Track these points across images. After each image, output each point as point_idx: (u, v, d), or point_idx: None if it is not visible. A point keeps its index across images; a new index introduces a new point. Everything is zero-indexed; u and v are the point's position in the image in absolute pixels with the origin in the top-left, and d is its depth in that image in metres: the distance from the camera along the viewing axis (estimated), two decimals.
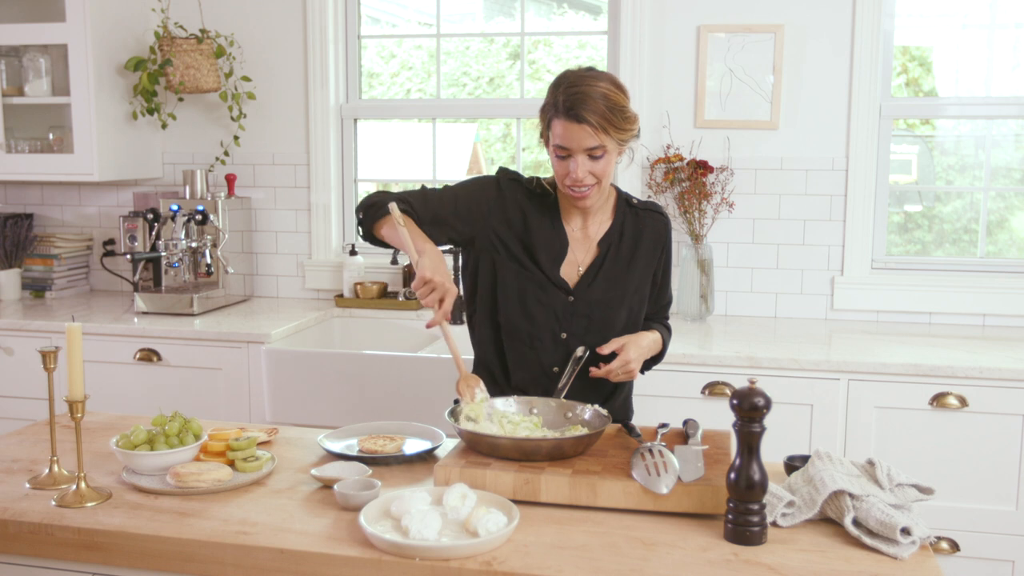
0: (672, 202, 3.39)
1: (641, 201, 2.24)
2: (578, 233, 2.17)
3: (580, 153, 2.00)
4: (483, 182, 2.20)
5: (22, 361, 3.27)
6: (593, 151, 2.00)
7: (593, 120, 1.96)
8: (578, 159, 2.00)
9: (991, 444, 2.72)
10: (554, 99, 2.01)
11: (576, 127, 1.97)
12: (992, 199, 3.41)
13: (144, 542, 1.59)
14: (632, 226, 2.19)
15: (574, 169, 2.01)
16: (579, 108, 1.96)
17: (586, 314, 2.14)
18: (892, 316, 3.35)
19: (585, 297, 2.14)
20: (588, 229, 2.18)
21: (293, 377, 3.02)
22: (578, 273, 2.16)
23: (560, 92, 2.00)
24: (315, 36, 3.64)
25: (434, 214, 2.12)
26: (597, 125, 1.96)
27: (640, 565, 1.47)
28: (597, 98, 1.97)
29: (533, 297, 2.13)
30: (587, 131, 1.97)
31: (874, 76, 3.26)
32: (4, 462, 1.94)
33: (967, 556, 2.77)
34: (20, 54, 3.59)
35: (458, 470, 1.72)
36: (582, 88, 1.98)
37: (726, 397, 2.65)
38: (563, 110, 1.98)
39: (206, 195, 3.56)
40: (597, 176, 2.03)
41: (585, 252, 2.17)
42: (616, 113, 1.98)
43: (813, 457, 1.73)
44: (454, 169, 3.82)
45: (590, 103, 1.96)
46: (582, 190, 2.04)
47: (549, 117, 2.03)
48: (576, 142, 1.99)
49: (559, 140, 2.01)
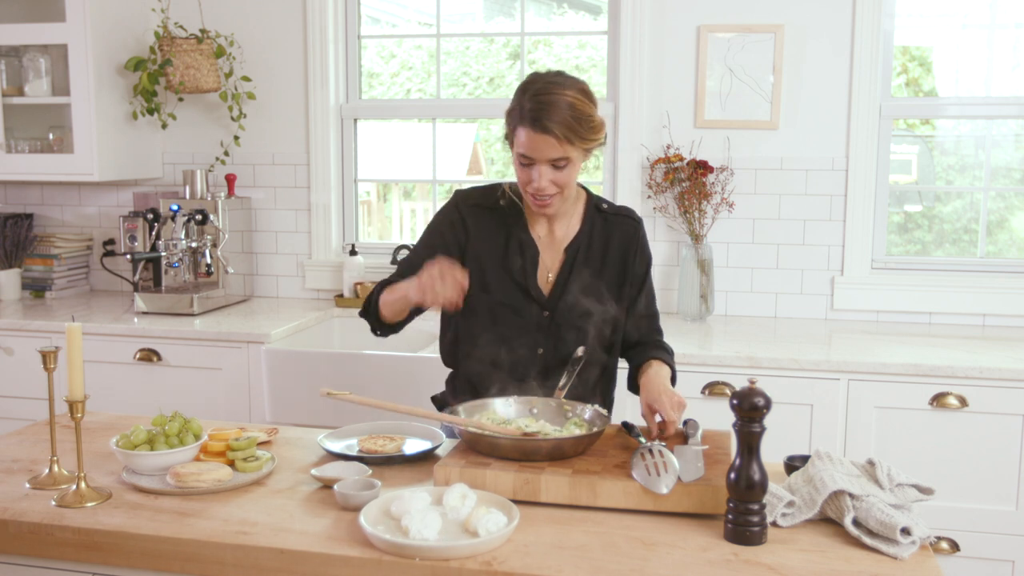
0: (672, 202, 3.39)
1: (612, 205, 2.20)
2: (545, 238, 2.15)
3: (543, 163, 1.97)
4: (443, 220, 2.17)
5: (22, 361, 3.27)
6: (556, 161, 1.97)
7: (558, 131, 1.92)
8: (541, 169, 1.97)
9: (991, 444, 2.72)
10: (520, 105, 1.97)
11: (540, 137, 1.93)
12: (992, 199, 3.41)
13: (144, 542, 1.59)
14: (601, 232, 2.16)
15: (537, 178, 1.98)
16: (544, 118, 1.92)
17: (562, 325, 2.11)
18: (892, 316, 3.35)
19: (559, 308, 2.11)
20: (555, 233, 2.15)
21: (293, 377, 3.02)
22: (548, 281, 2.14)
23: (526, 99, 1.95)
24: (315, 36, 3.64)
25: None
26: (562, 136, 1.92)
27: (640, 565, 1.47)
28: (563, 108, 1.92)
29: (506, 322, 2.11)
30: (551, 142, 1.93)
31: (874, 76, 3.26)
32: (4, 462, 1.94)
33: (967, 556, 2.77)
34: (20, 54, 3.59)
35: (458, 470, 1.72)
36: (549, 97, 1.93)
37: (726, 397, 2.65)
38: (528, 119, 1.93)
39: (206, 195, 3.56)
40: (559, 185, 2.00)
41: (552, 257, 2.15)
42: (582, 123, 1.94)
43: (813, 457, 1.73)
44: (454, 169, 3.82)
45: (556, 113, 1.92)
46: (544, 199, 2.02)
47: (514, 123, 1.99)
48: (540, 152, 1.95)
49: (522, 149, 1.97)
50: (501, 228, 2.14)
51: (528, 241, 2.13)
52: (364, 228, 3.98)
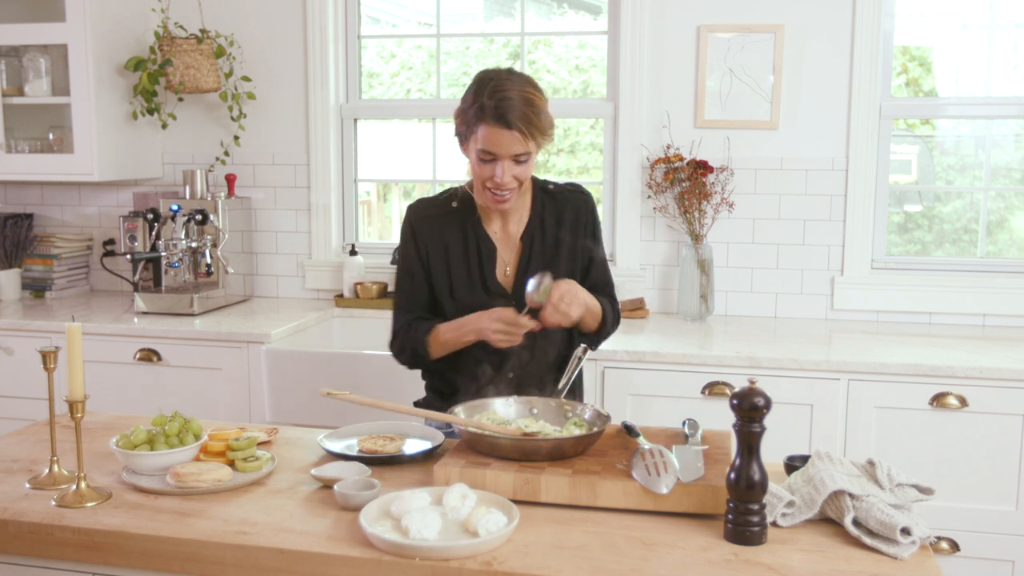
0: (672, 202, 3.39)
1: (559, 184, 2.23)
2: (500, 234, 2.19)
3: (506, 158, 2.01)
4: (405, 243, 2.23)
5: (22, 361, 3.27)
6: (518, 156, 2.01)
7: (522, 126, 1.97)
8: (504, 164, 2.01)
9: (991, 444, 2.72)
10: (479, 103, 2.00)
11: (506, 133, 1.98)
12: (992, 199, 3.41)
13: (144, 542, 1.59)
14: (552, 212, 2.19)
15: (499, 174, 2.02)
16: (509, 114, 1.96)
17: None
18: (892, 316, 3.35)
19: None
20: (508, 228, 2.19)
21: (293, 377, 3.02)
22: (508, 275, 2.17)
23: (486, 96, 1.99)
24: (315, 36, 3.64)
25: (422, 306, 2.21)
26: (526, 131, 1.98)
27: (640, 565, 1.47)
28: (523, 103, 1.98)
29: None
30: (516, 137, 1.98)
31: (874, 76, 3.26)
32: (4, 462, 1.94)
33: (967, 556, 2.77)
34: (20, 54, 3.59)
35: (458, 470, 1.72)
36: (508, 93, 1.98)
37: (726, 397, 2.65)
38: (492, 115, 1.98)
39: (206, 195, 3.56)
40: (520, 180, 2.05)
41: (509, 251, 2.19)
42: (541, 118, 2.01)
43: (813, 457, 1.73)
44: (454, 169, 3.82)
45: (517, 109, 1.97)
46: (504, 194, 2.06)
47: (472, 121, 2.02)
48: (504, 148, 2.00)
49: (485, 145, 2.01)
50: (458, 232, 2.18)
51: (484, 238, 2.17)
52: (364, 228, 3.98)
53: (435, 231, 2.19)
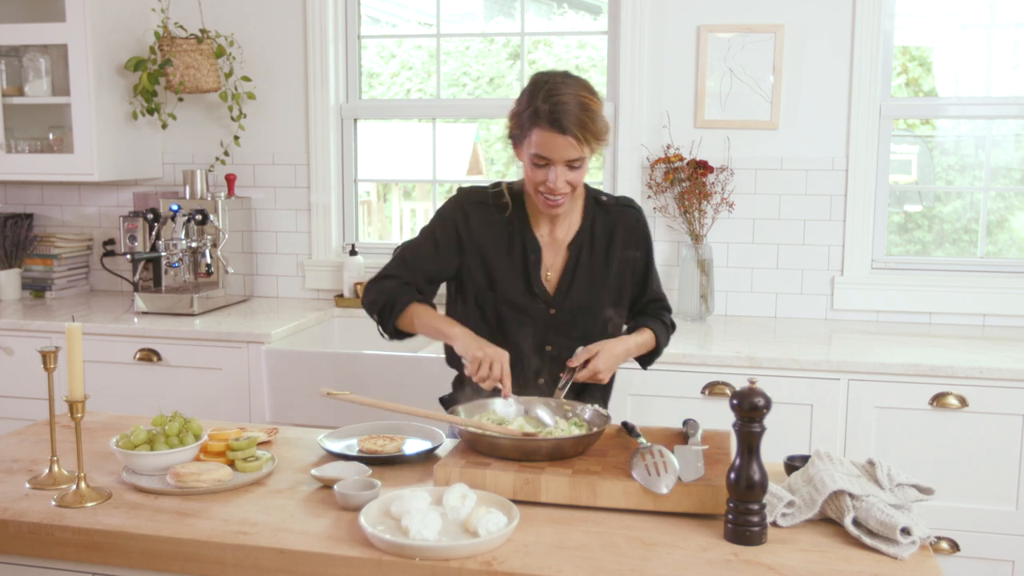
0: (672, 202, 3.39)
1: (611, 197, 2.21)
2: (547, 238, 2.16)
3: (560, 164, 1.98)
4: (447, 218, 2.17)
5: (22, 361, 3.27)
6: (572, 162, 1.98)
7: (577, 132, 1.94)
8: (557, 169, 1.98)
9: (991, 444, 2.71)
10: (533, 107, 1.97)
11: (560, 138, 1.95)
12: (992, 199, 3.41)
13: (144, 542, 1.59)
14: (603, 225, 2.17)
15: (553, 179, 1.99)
16: (564, 119, 1.93)
17: (569, 322, 2.12)
18: (892, 316, 3.35)
19: (566, 306, 2.12)
20: (556, 233, 2.16)
21: (293, 377, 3.02)
22: (551, 279, 2.14)
23: (541, 100, 1.96)
24: (315, 36, 3.64)
25: (430, 277, 2.17)
26: (580, 137, 1.95)
27: (640, 565, 1.47)
28: (579, 108, 1.95)
29: (513, 320, 2.12)
30: (571, 143, 1.95)
31: (874, 76, 3.26)
32: (4, 462, 1.94)
33: (967, 556, 2.77)
34: (20, 54, 3.59)
35: (458, 470, 1.72)
36: (563, 97, 1.95)
37: (726, 397, 2.65)
38: (546, 120, 1.94)
39: (206, 195, 3.56)
40: (573, 185, 2.02)
41: (555, 256, 2.16)
42: (597, 123, 1.97)
43: (813, 457, 1.73)
44: (454, 169, 3.82)
45: (572, 114, 1.94)
46: (556, 199, 2.03)
47: (527, 124, 1.99)
48: (558, 153, 1.96)
49: (539, 150, 1.98)
50: (504, 227, 2.14)
51: (531, 240, 2.14)
52: (364, 228, 3.98)
53: (485, 219, 2.15)
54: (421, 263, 2.17)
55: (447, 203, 2.20)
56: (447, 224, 2.17)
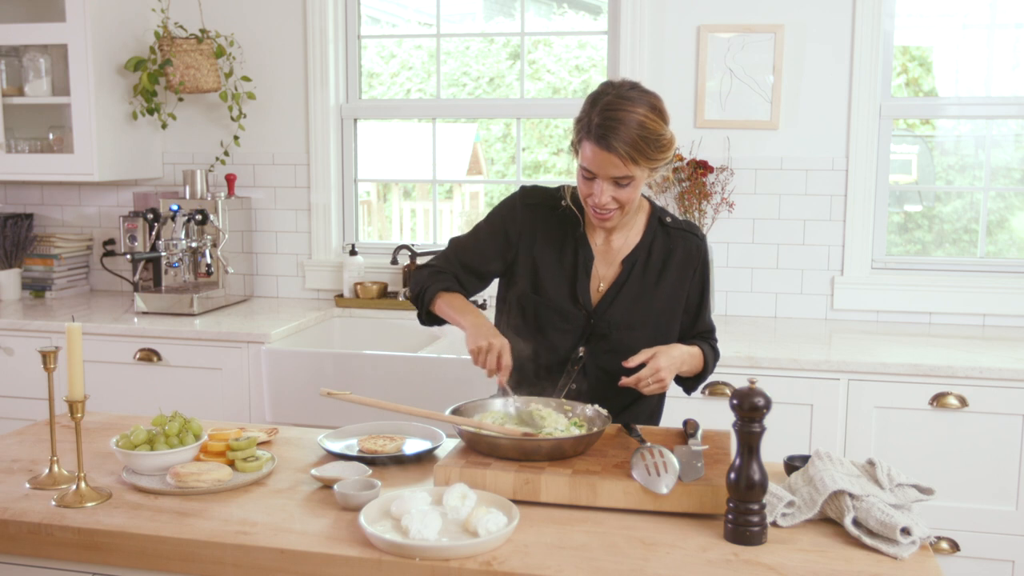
0: (672, 202, 3.39)
1: (675, 219, 2.15)
2: (601, 247, 2.11)
3: (606, 180, 1.92)
4: (503, 214, 2.15)
5: (22, 361, 3.27)
6: (619, 180, 1.92)
7: (623, 150, 1.86)
8: (602, 185, 1.93)
9: (991, 444, 2.72)
10: (587, 118, 1.91)
11: (604, 155, 1.88)
12: (992, 199, 3.41)
13: (144, 542, 1.59)
14: (662, 245, 2.11)
15: (598, 193, 1.93)
16: (611, 136, 1.86)
17: (605, 334, 2.08)
18: (892, 316, 3.35)
19: (605, 317, 2.08)
20: (611, 243, 2.10)
21: (293, 377, 3.02)
22: (599, 291, 2.10)
23: (595, 113, 1.89)
24: (315, 36, 3.64)
25: (470, 269, 2.14)
26: (627, 156, 1.87)
27: (640, 565, 1.47)
28: (632, 126, 1.86)
29: (553, 325, 2.09)
30: (615, 161, 1.88)
31: (874, 76, 3.26)
32: (4, 462, 1.94)
33: (967, 556, 2.77)
34: (20, 54, 3.59)
35: (458, 470, 1.72)
36: (618, 113, 1.87)
37: (726, 397, 2.65)
38: (594, 135, 1.88)
39: (206, 195, 3.56)
40: (621, 203, 1.96)
41: (607, 267, 2.11)
42: (650, 144, 1.88)
43: (813, 457, 1.73)
44: (454, 169, 3.83)
45: (623, 132, 1.86)
46: (604, 213, 1.98)
47: (581, 134, 1.94)
48: (603, 169, 1.91)
49: (586, 163, 1.93)
50: (559, 231, 2.11)
51: (585, 248, 2.10)
52: (364, 228, 3.98)
53: (542, 221, 2.11)
54: (460, 253, 2.16)
55: (504, 200, 2.18)
56: (494, 221, 2.15)
